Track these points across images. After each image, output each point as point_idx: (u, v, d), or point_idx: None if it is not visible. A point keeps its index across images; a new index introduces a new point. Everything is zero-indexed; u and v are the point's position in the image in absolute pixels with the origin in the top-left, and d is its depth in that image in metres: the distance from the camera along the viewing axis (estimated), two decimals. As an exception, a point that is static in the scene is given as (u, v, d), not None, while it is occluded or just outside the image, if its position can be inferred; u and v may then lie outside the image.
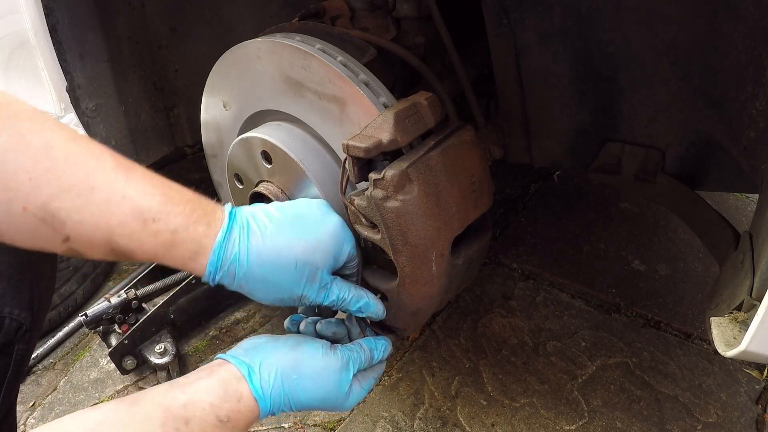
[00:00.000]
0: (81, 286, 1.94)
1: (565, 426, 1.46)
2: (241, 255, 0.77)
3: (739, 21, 0.84)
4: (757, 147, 0.88)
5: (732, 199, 2.27)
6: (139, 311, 1.74)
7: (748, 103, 0.86)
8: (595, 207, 2.25)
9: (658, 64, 1.01)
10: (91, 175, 0.68)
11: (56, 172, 0.66)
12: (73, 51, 1.35)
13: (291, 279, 0.81)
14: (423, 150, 0.95)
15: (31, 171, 0.64)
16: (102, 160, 0.70)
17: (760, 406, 1.48)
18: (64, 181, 0.66)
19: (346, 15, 1.29)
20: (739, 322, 0.77)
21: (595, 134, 1.19)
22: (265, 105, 1.23)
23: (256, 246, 0.78)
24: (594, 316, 1.77)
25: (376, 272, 1.05)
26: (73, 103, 1.39)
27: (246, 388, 0.79)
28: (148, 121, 1.59)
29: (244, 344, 0.87)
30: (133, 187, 0.71)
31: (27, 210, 0.65)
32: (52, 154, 0.66)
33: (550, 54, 1.09)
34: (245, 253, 0.78)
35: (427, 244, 0.96)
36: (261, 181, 1.23)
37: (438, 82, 1.19)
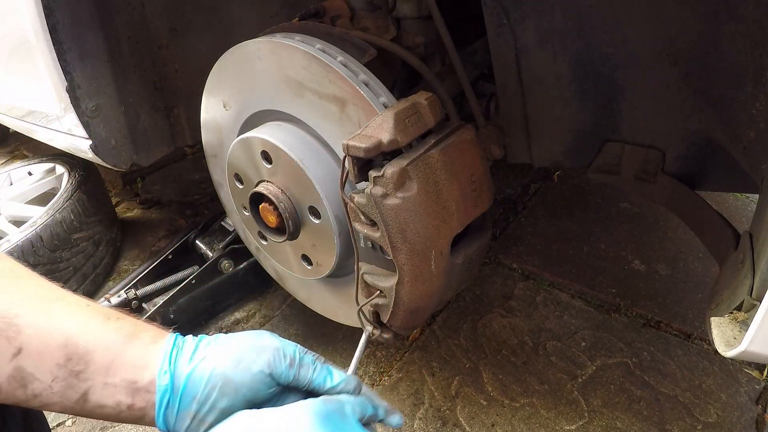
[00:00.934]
0: (81, 286, 1.94)
1: (565, 426, 1.45)
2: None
3: (739, 21, 0.84)
4: (757, 147, 0.88)
5: (732, 199, 2.27)
6: (139, 311, 1.74)
7: (748, 103, 0.86)
8: (595, 207, 2.25)
9: (658, 64, 1.01)
10: (56, 290, 0.70)
11: (20, 286, 0.68)
12: (73, 51, 1.35)
13: None
14: (423, 148, 0.95)
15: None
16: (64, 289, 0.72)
17: (760, 406, 1.48)
18: (28, 292, 0.67)
19: (346, 15, 1.29)
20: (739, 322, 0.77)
21: (595, 134, 1.19)
22: (265, 105, 1.23)
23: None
24: (594, 316, 1.77)
25: (376, 270, 1.05)
26: (73, 103, 1.39)
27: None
28: (148, 121, 1.59)
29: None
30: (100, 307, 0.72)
31: None
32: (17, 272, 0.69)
33: (550, 54, 1.09)
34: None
35: (427, 242, 0.96)
36: (261, 181, 1.23)
37: (438, 82, 1.20)
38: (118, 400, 0.68)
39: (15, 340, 0.64)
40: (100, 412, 0.68)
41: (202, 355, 0.70)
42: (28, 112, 1.74)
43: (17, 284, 0.68)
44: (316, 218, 1.17)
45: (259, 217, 1.26)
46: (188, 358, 0.69)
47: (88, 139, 1.47)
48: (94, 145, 1.48)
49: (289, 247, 1.30)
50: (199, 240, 1.91)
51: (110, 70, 1.45)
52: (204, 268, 1.79)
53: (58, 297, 0.69)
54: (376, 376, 1.64)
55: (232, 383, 0.69)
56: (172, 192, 2.60)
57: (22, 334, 0.65)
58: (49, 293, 0.70)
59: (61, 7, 1.30)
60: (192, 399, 0.68)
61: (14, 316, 0.65)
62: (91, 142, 1.48)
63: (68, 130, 1.54)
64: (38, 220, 1.85)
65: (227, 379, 0.69)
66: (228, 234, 1.87)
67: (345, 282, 1.32)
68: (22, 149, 3.21)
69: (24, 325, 0.65)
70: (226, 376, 0.69)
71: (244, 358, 0.70)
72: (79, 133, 1.48)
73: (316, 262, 1.26)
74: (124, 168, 1.59)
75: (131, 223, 2.42)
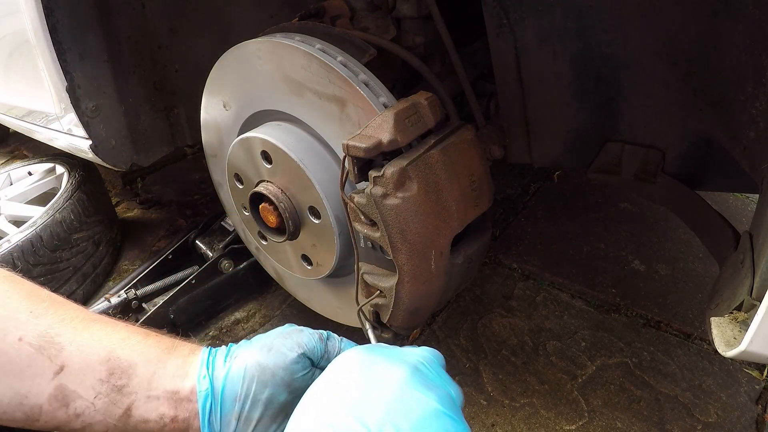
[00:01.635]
0: (81, 286, 1.94)
1: (565, 426, 1.45)
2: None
3: (739, 21, 0.84)
4: (757, 147, 0.88)
5: (732, 199, 2.27)
6: (139, 311, 1.74)
7: (748, 103, 0.86)
8: (595, 207, 2.25)
9: (658, 64, 1.01)
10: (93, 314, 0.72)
11: (60, 309, 0.69)
12: (73, 51, 1.35)
13: None
14: (423, 148, 0.95)
15: (33, 307, 0.67)
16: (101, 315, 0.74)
17: (760, 406, 1.48)
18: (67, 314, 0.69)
19: (346, 15, 1.29)
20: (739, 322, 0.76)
21: (595, 134, 1.19)
22: (265, 105, 1.23)
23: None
24: (594, 316, 1.77)
25: (376, 270, 1.05)
26: (73, 103, 1.39)
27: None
28: (148, 121, 1.59)
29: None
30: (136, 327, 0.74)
31: (23, 340, 0.65)
32: (55, 298, 0.70)
33: (551, 54, 1.09)
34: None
35: (426, 242, 0.96)
36: (261, 181, 1.23)
37: (438, 82, 1.19)
38: (162, 413, 0.67)
39: (57, 358, 0.65)
40: (143, 427, 0.68)
41: (236, 354, 0.71)
42: (28, 112, 1.74)
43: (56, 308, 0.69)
44: (316, 218, 1.17)
45: (259, 217, 1.26)
46: (223, 360, 0.70)
47: (88, 139, 1.47)
48: (94, 145, 1.48)
49: (289, 247, 1.30)
50: (199, 240, 1.91)
51: (110, 70, 1.45)
52: (204, 268, 1.79)
53: (97, 318, 0.71)
54: (376, 376, 1.63)
55: (268, 369, 0.68)
56: (172, 192, 2.60)
57: (65, 351, 0.66)
58: (88, 315, 0.71)
59: (61, 7, 1.30)
60: (234, 399, 0.68)
61: (56, 335, 0.66)
62: (91, 142, 1.48)
63: (68, 130, 1.54)
64: (38, 220, 1.85)
65: (263, 367, 0.69)
66: (228, 234, 1.87)
67: (345, 282, 1.32)
68: (22, 149, 3.21)
69: (66, 343, 0.66)
70: (261, 364, 0.69)
71: (275, 344, 0.71)
72: (79, 133, 1.48)
73: (316, 262, 1.26)
74: (124, 168, 1.59)
75: (131, 223, 2.42)
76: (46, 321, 0.67)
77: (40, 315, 0.67)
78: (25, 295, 0.68)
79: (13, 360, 0.64)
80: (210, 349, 0.72)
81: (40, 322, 0.67)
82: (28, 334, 0.65)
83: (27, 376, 0.65)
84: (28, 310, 0.67)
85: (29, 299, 0.68)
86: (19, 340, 0.65)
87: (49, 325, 0.67)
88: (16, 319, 0.65)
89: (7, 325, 0.65)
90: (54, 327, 0.67)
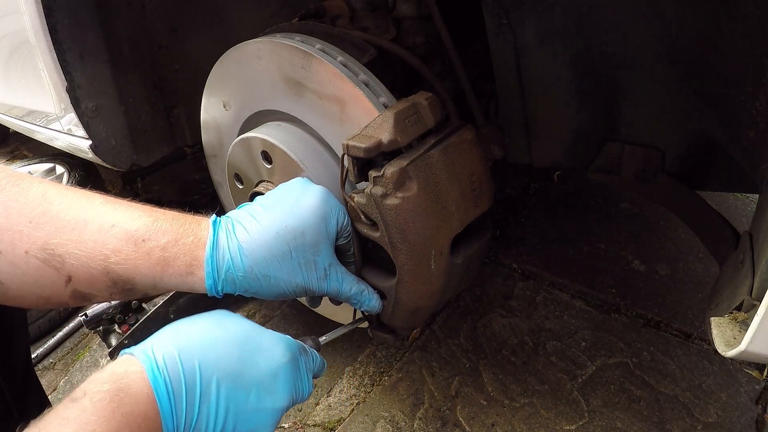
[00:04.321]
0: (81, 286, 1.94)
1: (565, 426, 1.45)
2: (234, 259, 0.78)
3: (739, 21, 0.84)
4: (757, 147, 0.88)
5: (732, 199, 2.27)
6: (139, 311, 1.74)
7: (748, 103, 0.86)
8: (595, 207, 2.25)
9: (658, 64, 1.01)
10: (83, 212, 0.74)
11: (52, 213, 0.72)
12: (73, 51, 1.35)
13: (289, 270, 0.80)
14: (423, 148, 0.95)
15: (30, 215, 0.71)
16: (92, 199, 0.77)
17: (760, 406, 1.48)
18: (60, 219, 0.72)
19: (346, 15, 1.29)
20: (739, 322, 0.76)
21: (595, 134, 1.19)
22: (265, 105, 1.23)
23: (246, 246, 0.78)
24: (594, 316, 1.77)
25: (375, 270, 1.05)
26: (73, 103, 1.39)
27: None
28: (148, 121, 1.59)
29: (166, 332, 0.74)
30: (122, 214, 0.76)
31: (29, 253, 0.70)
32: (48, 199, 0.73)
33: (550, 54, 1.09)
34: (237, 256, 0.78)
35: (427, 242, 0.96)
36: (261, 181, 1.23)
37: (438, 82, 1.19)
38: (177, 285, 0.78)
39: (62, 269, 0.71)
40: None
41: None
42: (29, 112, 1.74)
43: (49, 211, 0.72)
44: (316, 218, 1.16)
45: (259, 217, 1.26)
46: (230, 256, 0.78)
47: (88, 139, 1.47)
48: (94, 145, 1.48)
49: (289, 247, 1.30)
50: (199, 240, 1.90)
51: (110, 70, 1.44)
52: (204, 268, 1.78)
53: (89, 220, 0.73)
54: (376, 376, 1.64)
55: None
56: (172, 192, 2.60)
57: (66, 263, 0.71)
58: (81, 217, 0.73)
59: (61, 7, 1.30)
60: None
61: (55, 246, 0.71)
62: (91, 142, 1.48)
63: (68, 130, 1.54)
64: (38, 220, 1.85)
65: None
66: (228, 234, 1.87)
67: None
68: (22, 149, 3.21)
69: (65, 255, 0.71)
70: None
71: None
72: (79, 133, 1.48)
73: (316, 262, 1.26)
74: (124, 168, 1.59)
75: (131, 223, 2.42)
76: (45, 231, 0.71)
77: (38, 226, 0.70)
78: (22, 203, 0.71)
79: (26, 272, 0.70)
80: (213, 261, 0.77)
81: (40, 233, 0.70)
82: (32, 247, 0.70)
83: (44, 285, 0.72)
84: (27, 221, 0.70)
85: (27, 206, 0.71)
86: (25, 253, 0.70)
87: (48, 236, 0.70)
88: (20, 231, 0.70)
89: (13, 237, 0.69)
90: (53, 237, 0.71)
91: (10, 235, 0.69)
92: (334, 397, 1.59)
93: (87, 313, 1.63)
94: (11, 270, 0.70)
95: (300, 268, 0.81)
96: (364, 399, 1.57)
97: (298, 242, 0.80)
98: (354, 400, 1.58)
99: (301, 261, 0.81)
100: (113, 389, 0.62)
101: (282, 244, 0.79)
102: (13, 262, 0.70)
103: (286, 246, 0.80)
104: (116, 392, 0.62)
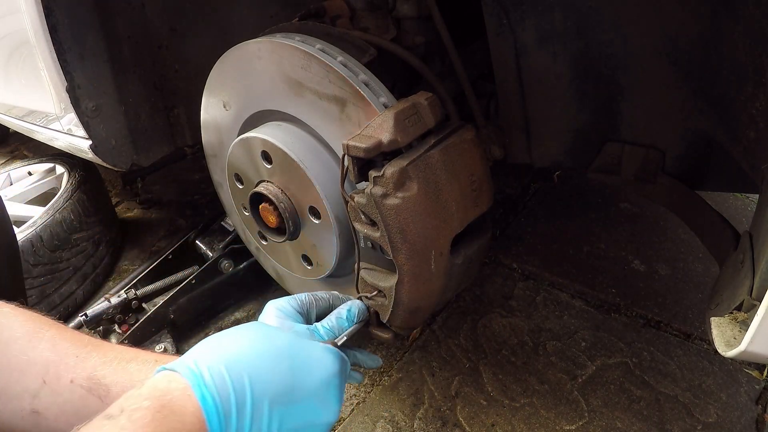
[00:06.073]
0: (81, 286, 1.94)
1: (565, 426, 1.45)
2: None
3: (739, 21, 0.84)
4: (757, 147, 0.88)
5: (732, 199, 2.26)
6: (139, 311, 1.74)
7: (748, 103, 0.86)
8: (595, 207, 2.25)
9: (658, 64, 1.01)
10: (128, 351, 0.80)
11: (99, 350, 0.77)
12: (73, 51, 1.35)
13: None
14: (423, 148, 0.95)
15: (78, 351, 0.75)
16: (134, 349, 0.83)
17: (760, 406, 1.48)
18: (107, 355, 0.77)
19: (346, 15, 1.29)
20: (739, 322, 0.76)
21: (595, 134, 1.19)
22: (265, 105, 1.23)
23: None
24: (594, 316, 1.77)
25: (375, 270, 1.05)
26: (73, 103, 1.39)
27: None
28: (148, 121, 1.59)
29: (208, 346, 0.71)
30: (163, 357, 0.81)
31: (74, 382, 0.73)
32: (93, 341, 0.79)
33: (550, 54, 1.09)
34: None
35: (426, 242, 0.96)
36: (261, 181, 1.23)
37: (438, 82, 1.19)
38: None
39: (106, 398, 0.73)
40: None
41: None
42: (29, 112, 1.74)
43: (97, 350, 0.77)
44: (316, 218, 1.17)
45: (259, 217, 1.26)
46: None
47: (88, 139, 1.47)
48: (94, 145, 1.48)
49: (289, 247, 1.30)
50: (199, 240, 1.91)
51: (110, 70, 1.45)
52: (204, 268, 1.79)
53: (131, 357, 0.79)
54: (376, 376, 1.64)
55: None
56: (172, 192, 2.60)
57: (111, 392, 0.74)
58: (124, 354, 0.79)
59: (61, 7, 1.30)
60: None
61: (101, 377, 0.74)
62: (91, 142, 1.48)
63: (68, 130, 1.54)
64: (38, 220, 1.85)
65: None
66: (228, 234, 1.87)
67: (345, 282, 1.32)
68: (22, 149, 3.21)
69: (111, 384, 0.74)
70: None
71: None
72: (79, 133, 1.48)
73: (316, 262, 1.26)
74: (124, 168, 1.59)
75: (131, 223, 2.42)
76: (92, 363, 0.75)
77: (85, 358, 0.75)
78: (70, 340, 0.76)
79: (68, 400, 0.72)
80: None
81: (87, 365, 0.75)
82: (78, 377, 0.73)
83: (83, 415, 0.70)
84: (74, 354, 0.75)
85: (74, 344, 0.76)
86: (71, 382, 0.73)
87: (94, 367, 0.75)
88: (66, 363, 0.74)
89: (59, 369, 0.73)
90: (99, 369, 0.75)
91: (56, 366, 0.73)
92: (334, 397, 1.59)
93: (87, 313, 1.63)
94: (52, 399, 0.72)
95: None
96: (364, 399, 1.57)
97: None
98: (354, 400, 1.58)
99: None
100: (155, 406, 0.59)
101: None
102: (56, 391, 0.72)
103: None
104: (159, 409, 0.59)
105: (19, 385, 0.71)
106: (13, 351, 0.72)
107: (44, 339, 0.75)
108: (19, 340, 0.73)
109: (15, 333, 0.74)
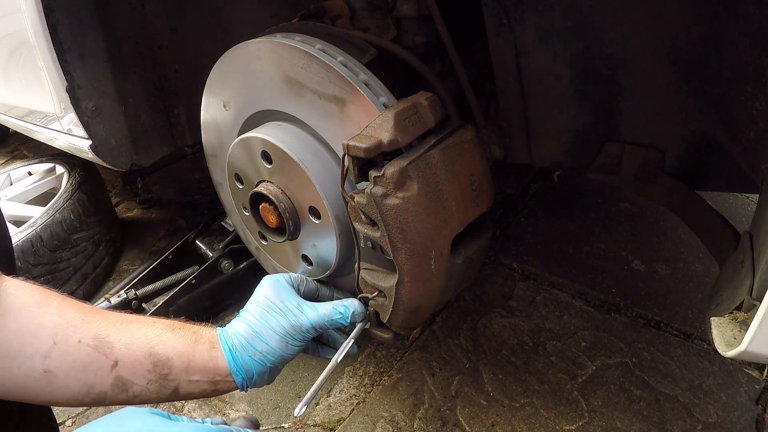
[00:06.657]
0: (81, 286, 1.94)
1: (565, 426, 1.46)
2: (236, 329, 0.96)
3: (739, 21, 0.84)
4: (757, 147, 0.88)
5: (732, 199, 2.27)
6: (139, 311, 1.74)
7: (748, 103, 0.86)
8: (595, 207, 2.25)
9: (658, 64, 1.01)
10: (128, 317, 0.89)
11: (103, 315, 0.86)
12: (73, 51, 1.35)
13: (272, 319, 0.97)
14: (423, 148, 0.95)
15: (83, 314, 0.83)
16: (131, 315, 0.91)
17: (760, 406, 1.48)
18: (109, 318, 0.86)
19: (347, 15, 1.29)
20: (739, 322, 0.77)
21: (595, 134, 1.19)
22: (265, 105, 1.23)
23: (237, 324, 0.97)
24: (594, 316, 1.77)
25: (375, 270, 1.05)
26: (73, 103, 1.39)
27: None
28: (148, 121, 1.59)
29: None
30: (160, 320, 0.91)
31: (81, 342, 0.80)
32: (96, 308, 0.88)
33: (551, 54, 1.09)
34: (236, 327, 0.96)
35: (427, 242, 0.96)
36: (261, 181, 1.23)
37: (438, 82, 1.19)
38: (204, 389, 0.90)
39: (111, 354, 0.82)
40: (191, 397, 0.92)
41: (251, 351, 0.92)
42: (29, 112, 1.74)
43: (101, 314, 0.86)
44: (316, 218, 1.17)
45: (259, 217, 1.26)
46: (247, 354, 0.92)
47: (88, 139, 1.47)
48: (94, 145, 1.48)
49: (289, 247, 1.30)
50: (199, 240, 1.91)
51: (110, 70, 1.44)
52: (204, 268, 1.79)
53: (133, 319, 0.88)
54: (376, 376, 1.64)
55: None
56: (172, 192, 2.60)
57: (115, 349, 0.82)
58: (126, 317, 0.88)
59: (61, 7, 1.30)
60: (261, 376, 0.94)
61: (106, 336, 0.82)
62: (91, 142, 1.48)
63: (68, 130, 1.54)
64: (38, 220, 1.85)
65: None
66: (228, 234, 1.87)
67: (345, 282, 1.32)
68: (22, 149, 3.21)
69: (114, 342, 0.83)
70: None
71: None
72: (79, 133, 1.48)
73: (316, 262, 1.26)
74: (124, 168, 1.59)
75: (131, 223, 2.42)
76: (96, 325, 0.83)
77: (90, 321, 0.83)
78: (75, 306, 0.84)
79: (77, 359, 0.80)
80: (225, 342, 0.92)
81: (92, 326, 0.82)
82: (85, 337, 0.81)
83: (90, 371, 0.81)
84: (80, 318, 0.82)
85: (79, 310, 0.84)
86: (78, 342, 0.80)
87: (99, 328, 0.83)
88: (74, 325, 0.81)
89: (67, 331, 0.80)
90: (103, 329, 0.83)
91: (65, 328, 0.80)
92: (334, 397, 1.59)
93: (87, 313, 1.62)
94: (62, 359, 0.79)
95: (279, 313, 0.97)
96: (364, 399, 1.57)
97: (267, 303, 0.99)
98: (354, 400, 1.58)
99: (275, 309, 0.98)
100: None
101: (259, 309, 0.99)
102: (65, 351, 0.79)
103: (261, 309, 0.99)
104: None
105: (32, 347, 0.77)
106: (25, 316, 0.78)
107: (52, 306, 0.81)
108: (30, 307, 0.79)
109: (25, 301, 0.79)
